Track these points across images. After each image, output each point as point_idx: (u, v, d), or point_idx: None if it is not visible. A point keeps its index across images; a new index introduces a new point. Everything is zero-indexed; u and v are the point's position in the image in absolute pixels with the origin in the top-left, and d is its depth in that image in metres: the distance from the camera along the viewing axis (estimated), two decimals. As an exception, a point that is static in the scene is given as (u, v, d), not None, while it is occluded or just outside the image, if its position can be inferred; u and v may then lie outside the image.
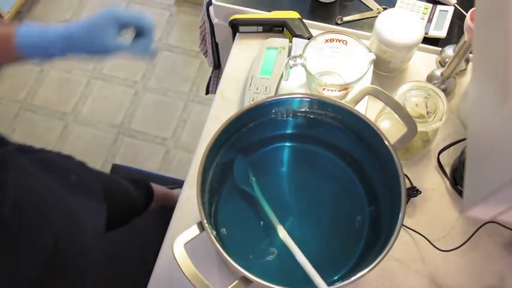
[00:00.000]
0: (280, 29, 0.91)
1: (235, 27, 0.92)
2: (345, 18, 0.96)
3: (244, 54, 0.91)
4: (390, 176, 0.63)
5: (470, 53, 0.79)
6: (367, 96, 0.69)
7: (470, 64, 0.90)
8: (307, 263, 0.58)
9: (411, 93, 0.74)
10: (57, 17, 1.98)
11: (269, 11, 0.93)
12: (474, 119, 0.38)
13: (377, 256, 0.55)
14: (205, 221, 0.56)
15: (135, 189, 1.11)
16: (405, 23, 0.81)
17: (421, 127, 0.70)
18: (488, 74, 0.36)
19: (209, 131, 0.83)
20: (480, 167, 0.35)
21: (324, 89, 0.78)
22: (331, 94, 0.78)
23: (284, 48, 0.86)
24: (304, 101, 0.67)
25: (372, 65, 0.79)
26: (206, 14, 1.02)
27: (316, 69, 0.81)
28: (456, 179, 0.79)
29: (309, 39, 0.84)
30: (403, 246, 0.74)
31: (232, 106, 0.86)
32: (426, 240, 0.74)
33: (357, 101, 0.66)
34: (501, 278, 0.73)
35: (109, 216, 0.85)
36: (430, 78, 0.88)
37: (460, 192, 0.78)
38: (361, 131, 0.66)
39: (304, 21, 0.90)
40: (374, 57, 0.75)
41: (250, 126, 0.68)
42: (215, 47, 1.11)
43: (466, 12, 0.85)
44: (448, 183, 0.80)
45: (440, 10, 0.94)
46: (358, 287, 0.71)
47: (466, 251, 0.74)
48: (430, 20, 0.93)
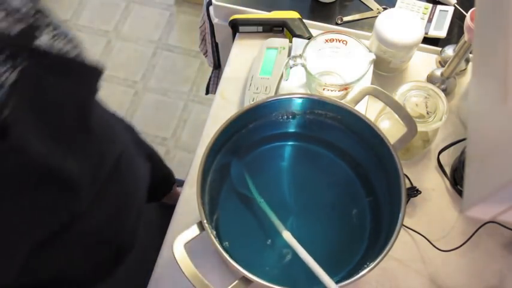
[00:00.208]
0: (280, 29, 0.91)
1: (235, 27, 0.92)
2: (345, 18, 0.96)
3: (244, 54, 0.91)
4: (390, 176, 0.63)
5: (470, 53, 0.79)
6: (367, 96, 0.69)
7: (470, 64, 0.90)
8: (314, 262, 0.57)
9: (411, 93, 0.74)
10: (57, 17, 1.97)
11: (269, 11, 0.93)
12: (474, 119, 0.38)
13: (377, 256, 0.55)
14: (205, 221, 0.56)
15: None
16: (405, 23, 0.81)
17: (421, 127, 0.70)
18: (488, 74, 0.36)
19: (209, 131, 0.83)
20: (480, 167, 0.35)
21: (324, 89, 0.78)
22: (331, 94, 0.78)
23: (284, 48, 0.86)
24: (304, 101, 0.67)
25: (372, 65, 0.79)
26: (206, 14, 1.02)
27: (316, 69, 0.81)
28: (456, 179, 0.79)
29: (309, 39, 0.84)
30: (403, 246, 0.74)
31: (232, 106, 0.86)
32: (426, 240, 0.74)
33: (357, 101, 0.66)
34: (501, 278, 0.73)
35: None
36: (430, 78, 0.88)
37: (460, 192, 0.78)
38: (361, 131, 0.66)
39: (304, 21, 0.90)
40: (374, 57, 0.75)
41: (250, 127, 0.68)
42: (215, 47, 1.11)
43: (466, 12, 0.85)
44: (448, 183, 0.80)
45: (440, 10, 0.94)
46: (358, 287, 0.71)
47: (466, 251, 0.73)
48: (430, 20, 0.93)
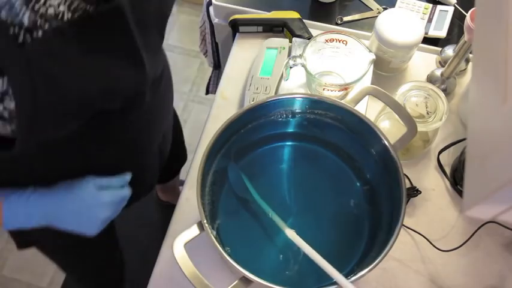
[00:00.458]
0: (280, 29, 0.91)
1: (235, 27, 0.92)
2: (345, 18, 0.96)
3: (244, 54, 0.91)
4: (390, 176, 0.63)
5: (470, 53, 0.79)
6: (367, 96, 0.69)
7: (470, 64, 0.90)
8: (322, 259, 0.56)
9: (411, 93, 0.74)
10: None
11: (269, 11, 0.93)
12: (474, 119, 0.38)
13: (377, 256, 0.55)
14: (205, 221, 0.56)
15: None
16: (405, 23, 0.81)
17: (421, 127, 0.70)
18: (488, 74, 0.36)
19: (209, 131, 0.83)
20: (480, 167, 0.35)
21: (324, 89, 0.78)
22: (331, 94, 0.78)
23: (284, 48, 0.86)
24: (304, 101, 0.67)
25: (372, 65, 0.79)
26: (206, 14, 1.02)
27: (316, 69, 0.81)
28: (456, 179, 0.79)
29: (309, 39, 0.84)
30: (403, 246, 0.74)
31: (232, 106, 0.86)
32: (426, 240, 0.74)
33: (357, 101, 0.66)
34: (501, 278, 0.73)
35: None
36: (430, 78, 0.88)
37: (460, 192, 0.78)
38: (361, 131, 0.66)
39: (304, 21, 0.90)
40: (374, 57, 0.75)
41: (250, 126, 0.68)
42: (215, 47, 1.11)
43: (466, 12, 0.85)
44: (448, 183, 0.80)
45: (440, 10, 0.94)
46: (358, 287, 0.71)
47: (466, 251, 0.73)
48: (430, 20, 0.93)
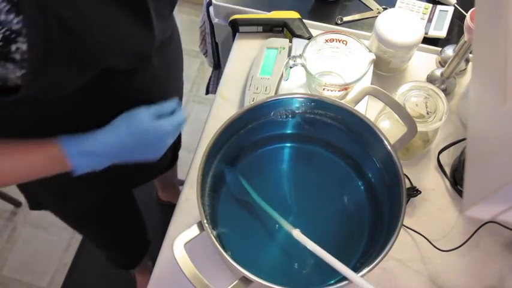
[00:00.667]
0: (280, 29, 0.91)
1: (235, 27, 0.92)
2: (345, 18, 0.96)
3: (244, 54, 0.91)
4: (390, 176, 0.63)
5: (470, 53, 0.79)
6: (367, 96, 0.69)
7: (470, 64, 0.90)
8: (331, 256, 0.56)
9: (411, 93, 0.74)
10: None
11: (269, 11, 0.92)
12: (474, 119, 0.38)
13: (377, 256, 0.55)
14: (205, 221, 0.56)
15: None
16: (405, 23, 0.81)
17: (421, 127, 0.70)
18: (488, 74, 0.36)
19: (209, 131, 0.83)
20: (480, 167, 0.35)
21: (324, 89, 0.78)
22: (331, 94, 0.78)
23: (284, 48, 0.86)
24: (304, 101, 0.67)
25: (372, 65, 0.79)
26: (206, 14, 1.02)
27: (316, 69, 0.81)
28: (456, 179, 0.79)
29: (309, 39, 0.84)
30: (403, 246, 0.74)
31: (232, 106, 0.86)
32: (426, 240, 0.74)
33: (357, 101, 0.66)
34: (501, 278, 0.73)
35: None
36: (430, 78, 0.88)
37: (460, 192, 0.78)
38: (361, 131, 0.66)
39: (304, 21, 0.90)
40: (374, 57, 0.75)
41: (250, 127, 0.68)
42: (215, 47, 1.11)
43: (466, 12, 0.85)
44: (448, 183, 0.80)
45: (440, 10, 0.94)
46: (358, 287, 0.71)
47: (466, 251, 0.74)
48: (430, 20, 0.93)
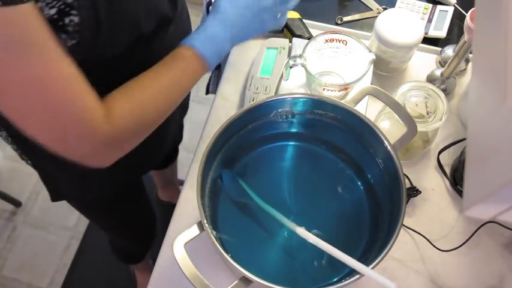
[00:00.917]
0: (280, 29, 0.91)
1: (235, 27, 0.92)
2: (345, 18, 0.96)
3: (244, 54, 0.91)
4: (390, 176, 0.63)
5: (470, 53, 0.79)
6: (367, 96, 0.69)
7: (470, 64, 0.90)
8: (338, 251, 0.57)
9: (411, 93, 0.74)
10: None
11: (269, 11, 0.92)
12: (474, 119, 0.38)
13: (377, 256, 0.55)
14: (205, 221, 0.56)
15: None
16: (405, 23, 0.81)
17: (421, 127, 0.70)
18: (488, 73, 0.36)
19: (209, 131, 0.83)
20: (480, 167, 0.35)
21: (324, 89, 0.78)
22: (331, 94, 0.78)
23: (284, 48, 0.86)
24: (304, 101, 0.67)
25: (372, 65, 0.79)
26: (206, 14, 1.02)
27: (316, 69, 0.81)
28: (456, 179, 0.79)
29: (309, 39, 0.84)
30: (403, 246, 0.74)
31: (232, 106, 0.86)
32: (426, 240, 0.74)
33: (357, 101, 0.66)
34: (501, 278, 0.73)
35: None
36: (430, 78, 0.88)
37: (460, 192, 0.78)
38: (361, 131, 0.66)
39: (304, 21, 0.90)
40: (374, 57, 0.75)
41: (250, 127, 0.68)
42: (215, 47, 1.11)
43: (466, 12, 0.85)
44: (448, 183, 0.80)
45: (440, 10, 0.94)
46: (358, 287, 0.71)
47: (466, 251, 0.74)
48: (430, 20, 0.93)
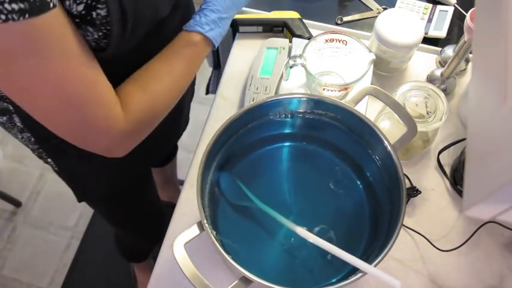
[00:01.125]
0: (280, 29, 0.91)
1: (235, 27, 0.92)
2: (345, 18, 0.96)
3: (244, 54, 0.91)
4: (390, 176, 0.63)
5: (470, 53, 0.79)
6: (367, 96, 0.69)
7: (470, 64, 0.91)
8: (339, 250, 0.56)
9: (411, 93, 0.74)
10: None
11: (269, 11, 0.92)
12: (474, 119, 0.38)
13: (377, 256, 0.55)
14: (205, 221, 0.56)
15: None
16: (405, 23, 0.81)
17: (421, 127, 0.70)
18: (488, 73, 0.36)
19: (209, 131, 0.83)
20: (480, 167, 0.35)
21: (324, 89, 0.78)
22: (331, 94, 0.78)
23: (284, 48, 0.86)
24: (304, 101, 0.67)
25: (372, 65, 0.79)
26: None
27: (316, 69, 0.81)
28: (456, 179, 0.79)
29: (309, 39, 0.84)
30: (403, 246, 0.74)
31: (232, 106, 0.86)
32: (426, 240, 0.74)
33: (357, 101, 0.66)
34: (501, 278, 0.73)
35: None
36: (430, 78, 0.88)
37: (460, 192, 0.78)
38: (361, 131, 0.66)
39: (304, 21, 0.90)
40: (374, 57, 0.75)
41: (250, 127, 0.68)
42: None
43: (466, 12, 0.85)
44: (448, 183, 0.80)
45: (440, 10, 0.94)
46: (358, 286, 0.71)
47: (466, 251, 0.73)
48: (430, 20, 0.93)
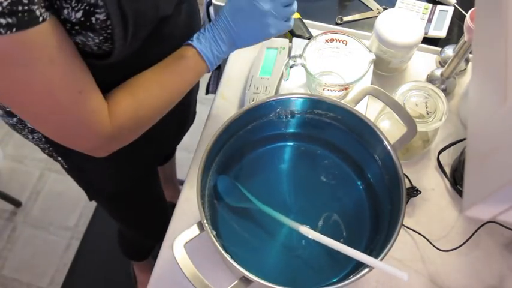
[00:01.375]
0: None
1: (235, 27, 0.92)
2: (345, 18, 0.96)
3: (244, 54, 0.91)
4: (390, 176, 0.63)
5: (470, 53, 0.79)
6: (367, 96, 0.69)
7: (470, 64, 0.91)
8: (344, 246, 0.57)
9: (411, 93, 0.74)
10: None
11: (269, 11, 0.92)
12: (474, 119, 0.38)
13: (377, 256, 0.55)
14: (205, 221, 0.56)
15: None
16: (405, 23, 0.81)
17: (421, 127, 0.70)
18: (488, 73, 0.36)
19: (209, 131, 0.83)
20: (480, 167, 0.35)
21: (324, 89, 0.78)
22: (331, 94, 0.78)
23: (284, 48, 0.86)
24: (304, 101, 0.67)
25: (372, 65, 0.79)
26: (206, 14, 1.02)
27: (316, 69, 0.81)
28: (456, 179, 0.79)
29: (309, 39, 0.84)
30: (403, 246, 0.74)
31: (232, 106, 0.86)
32: (426, 240, 0.74)
33: (357, 101, 0.66)
34: (501, 278, 0.73)
35: None
36: (430, 78, 0.88)
37: (460, 192, 0.78)
38: (361, 131, 0.66)
39: (304, 21, 0.90)
40: (374, 57, 0.75)
41: (250, 127, 0.68)
42: (215, 47, 1.11)
43: (466, 12, 0.85)
44: (448, 183, 0.80)
45: (440, 10, 0.94)
46: (358, 286, 0.71)
47: (466, 251, 0.73)
48: (430, 20, 0.93)
